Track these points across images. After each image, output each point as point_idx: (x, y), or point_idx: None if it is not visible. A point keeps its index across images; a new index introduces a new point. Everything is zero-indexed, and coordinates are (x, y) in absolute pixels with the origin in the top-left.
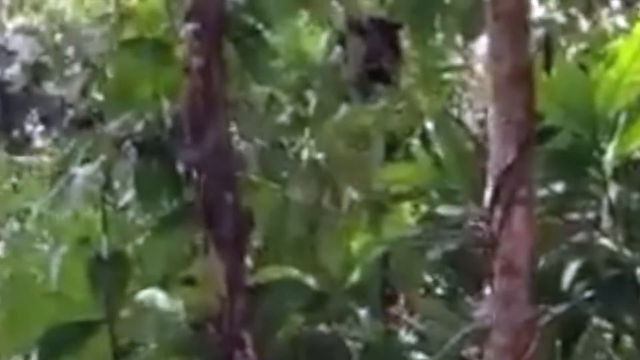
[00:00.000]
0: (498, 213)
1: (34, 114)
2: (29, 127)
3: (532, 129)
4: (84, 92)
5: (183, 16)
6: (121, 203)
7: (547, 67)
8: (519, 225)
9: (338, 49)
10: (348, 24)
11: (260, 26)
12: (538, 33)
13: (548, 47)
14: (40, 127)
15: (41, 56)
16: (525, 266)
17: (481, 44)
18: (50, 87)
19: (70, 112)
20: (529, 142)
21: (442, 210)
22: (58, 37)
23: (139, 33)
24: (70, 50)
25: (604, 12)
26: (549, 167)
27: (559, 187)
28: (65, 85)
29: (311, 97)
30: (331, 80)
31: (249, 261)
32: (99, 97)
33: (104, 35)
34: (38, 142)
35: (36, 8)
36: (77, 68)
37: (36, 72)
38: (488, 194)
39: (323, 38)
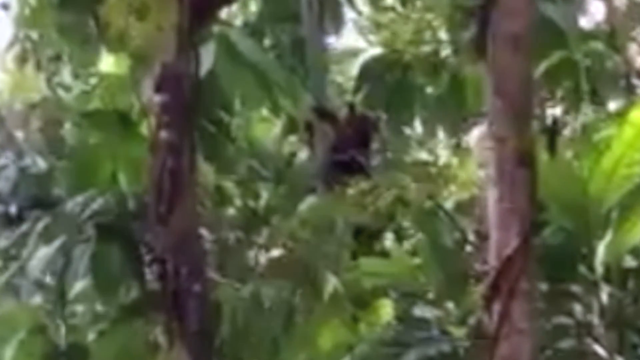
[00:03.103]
0: (497, 307)
1: None
2: None
3: (535, 217)
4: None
5: (151, 87)
6: (76, 290)
7: (552, 149)
8: (521, 322)
9: (294, 137)
10: (316, 111)
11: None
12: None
13: (554, 129)
14: None
15: None
16: None
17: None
18: None
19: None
20: (532, 230)
21: (419, 311)
22: None
23: (102, 105)
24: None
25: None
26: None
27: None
28: None
29: (262, 189)
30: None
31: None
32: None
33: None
34: None
35: None
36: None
37: None
38: (484, 287)
39: (277, 125)
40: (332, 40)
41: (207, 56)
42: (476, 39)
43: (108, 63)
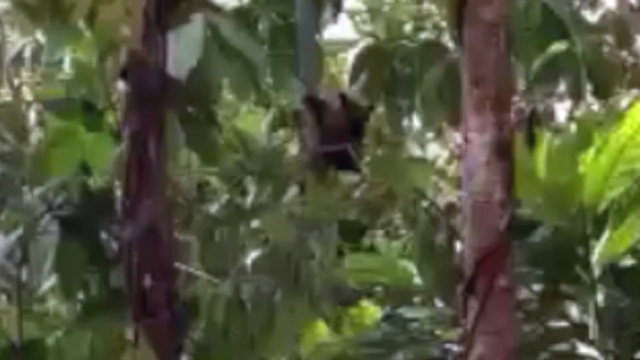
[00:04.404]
0: (473, 306)
1: None
2: None
3: (513, 210)
4: None
5: (117, 74)
6: (40, 288)
7: (531, 141)
8: (498, 321)
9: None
10: (306, 100)
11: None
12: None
13: (532, 119)
14: None
15: None
16: None
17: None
18: None
19: None
20: (510, 224)
21: (405, 311)
22: None
23: (66, 93)
24: None
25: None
26: (528, 265)
27: (538, 287)
28: None
29: (249, 184)
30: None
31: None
32: None
33: None
34: None
35: None
36: None
37: None
38: (461, 285)
39: (266, 118)
40: (328, 30)
41: (192, 45)
42: (454, 26)
43: (74, 50)
